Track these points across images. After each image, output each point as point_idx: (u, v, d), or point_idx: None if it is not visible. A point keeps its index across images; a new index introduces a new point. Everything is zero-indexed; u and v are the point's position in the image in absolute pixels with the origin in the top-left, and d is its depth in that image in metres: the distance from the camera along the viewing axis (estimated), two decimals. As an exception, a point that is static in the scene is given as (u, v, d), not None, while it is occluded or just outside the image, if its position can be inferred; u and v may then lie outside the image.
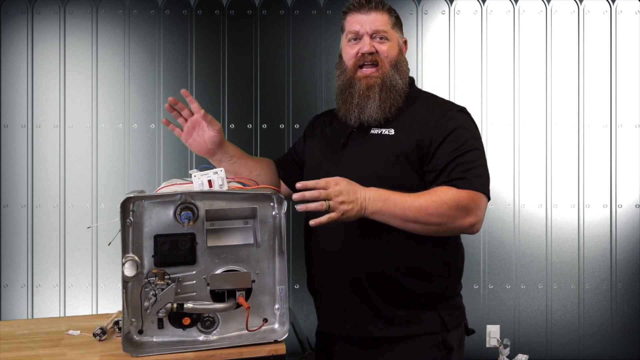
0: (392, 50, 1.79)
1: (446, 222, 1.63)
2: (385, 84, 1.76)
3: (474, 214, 1.65)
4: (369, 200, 1.61)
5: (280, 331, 1.69)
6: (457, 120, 1.72)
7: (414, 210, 1.61)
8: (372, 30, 1.78)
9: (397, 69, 1.78)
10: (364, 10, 1.79)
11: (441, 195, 1.62)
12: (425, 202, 1.61)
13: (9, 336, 1.80)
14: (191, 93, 3.34)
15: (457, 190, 1.63)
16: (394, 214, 1.61)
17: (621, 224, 3.38)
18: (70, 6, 3.33)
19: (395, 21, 1.82)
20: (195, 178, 1.72)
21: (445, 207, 1.61)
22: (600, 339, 3.37)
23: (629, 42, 3.37)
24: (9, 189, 3.31)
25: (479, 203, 1.65)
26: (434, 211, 1.61)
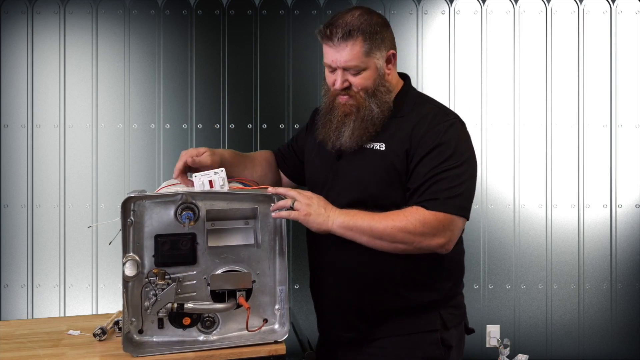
0: (368, 80, 1.70)
1: (412, 243, 1.63)
2: (360, 114, 1.71)
3: (441, 236, 1.63)
4: (337, 213, 1.64)
5: (280, 331, 1.69)
6: (441, 136, 1.67)
7: (380, 229, 1.62)
8: (342, 66, 1.70)
9: (374, 96, 1.71)
10: (332, 42, 1.70)
11: (408, 216, 1.62)
12: (392, 222, 1.61)
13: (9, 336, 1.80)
14: (191, 93, 3.35)
15: (426, 211, 1.62)
16: (360, 229, 1.63)
17: (621, 224, 3.38)
18: (70, 6, 3.32)
19: (370, 45, 1.68)
20: (196, 178, 1.72)
21: (411, 227, 1.61)
22: (600, 339, 3.37)
23: (629, 42, 3.37)
24: (9, 189, 3.30)
25: (448, 225, 1.63)
26: (399, 231, 1.61)
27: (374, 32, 1.69)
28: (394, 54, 1.75)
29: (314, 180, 1.85)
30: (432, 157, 1.66)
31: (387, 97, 1.74)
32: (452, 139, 1.68)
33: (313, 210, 1.63)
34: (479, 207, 3.33)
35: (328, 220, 1.64)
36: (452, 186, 1.63)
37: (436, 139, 1.66)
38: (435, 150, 1.66)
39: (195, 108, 3.34)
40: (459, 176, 1.65)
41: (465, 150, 1.70)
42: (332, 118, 1.75)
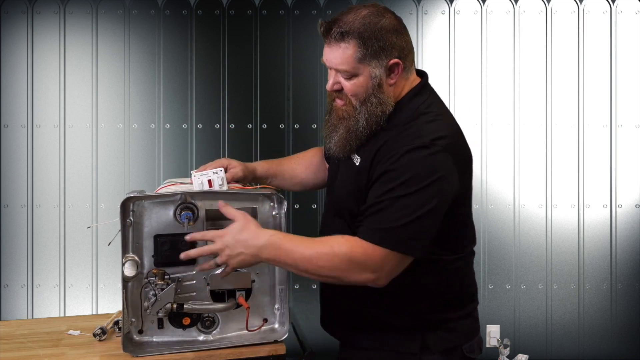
0: (359, 87, 1.56)
1: (339, 276, 1.50)
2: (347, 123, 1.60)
3: (369, 270, 1.48)
4: (262, 249, 1.51)
5: (280, 331, 1.69)
6: (397, 159, 1.50)
7: (305, 261, 1.50)
8: (334, 67, 1.58)
9: (365, 106, 1.57)
10: (328, 40, 1.58)
11: (334, 246, 1.49)
12: (316, 253, 1.49)
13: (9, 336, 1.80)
14: (191, 93, 3.35)
15: (354, 242, 1.49)
16: (285, 263, 1.53)
17: (621, 224, 3.38)
18: (70, 6, 3.33)
19: (365, 52, 1.53)
20: (195, 178, 1.72)
21: (336, 260, 1.48)
22: (600, 339, 3.37)
23: (629, 42, 3.37)
24: (9, 189, 3.31)
25: (375, 258, 1.47)
26: (324, 264, 1.49)
27: (374, 38, 1.53)
28: (398, 63, 1.56)
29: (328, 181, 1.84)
30: (382, 181, 1.51)
31: (379, 109, 1.57)
32: (412, 165, 1.49)
33: (234, 260, 1.53)
34: (479, 207, 3.33)
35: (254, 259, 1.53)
36: (392, 218, 1.47)
37: (392, 162, 1.51)
38: (387, 175, 1.51)
39: (195, 108, 3.34)
40: (406, 207, 1.47)
41: (425, 178, 1.48)
42: (330, 119, 1.67)
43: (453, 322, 1.65)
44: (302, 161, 1.99)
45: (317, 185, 1.97)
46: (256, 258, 1.52)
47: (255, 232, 1.52)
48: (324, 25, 1.59)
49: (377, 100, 1.57)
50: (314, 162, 1.98)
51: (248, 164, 1.87)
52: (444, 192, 1.51)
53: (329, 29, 1.57)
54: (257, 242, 1.51)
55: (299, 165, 1.98)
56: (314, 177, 1.96)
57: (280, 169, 1.95)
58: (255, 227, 1.54)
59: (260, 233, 1.52)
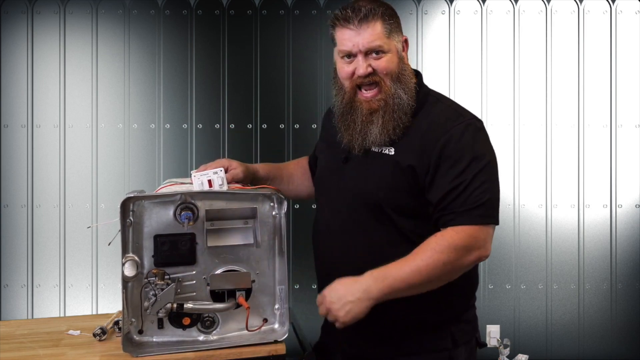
0: (392, 63, 1.62)
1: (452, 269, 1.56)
2: (388, 105, 1.61)
3: (475, 250, 1.56)
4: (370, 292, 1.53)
5: (280, 331, 1.69)
6: (458, 141, 1.58)
7: (417, 275, 1.53)
8: (365, 48, 1.60)
9: (400, 82, 1.62)
10: (353, 24, 1.60)
11: (435, 247, 1.54)
12: (423, 262, 1.53)
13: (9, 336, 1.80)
14: (191, 93, 3.35)
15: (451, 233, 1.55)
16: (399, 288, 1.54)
17: (621, 224, 3.38)
18: (70, 6, 3.33)
19: (390, 28, 1.61)
20: (195, 178, 1.72)
21: (444, 257, 1.53)
22: (600, 339, 3.37)
23: (629, 42, 3.37)
24: (9, 189, 3.31)
25: (478, 236, 1.56)
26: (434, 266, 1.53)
27: (392, 15, 1.64)
28: (407, 40, 1.69)
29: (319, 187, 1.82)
30: (450, 166, 1.57)
31: (411, 82, 1.65)
32: (469, 143, 1.58)
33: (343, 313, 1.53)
34: (479, 207, 3.33)
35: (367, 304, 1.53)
36: (476, 195, 1.56)
37: (453, 146, 1.57)
38: (453, 159, 1.57)
39: (195, 108, 3.34)
40: (483, 183, 1.57)
41: (484, 152, 1.60)
42: (355, 118, 1.64)
43: (469, 313, 1.73)
44: (299, 168, 2.01)
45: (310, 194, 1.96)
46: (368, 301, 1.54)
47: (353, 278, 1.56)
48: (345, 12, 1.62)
49: (408, 73, 1.66)
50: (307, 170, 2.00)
51: (249, 165, 1.88)
52: (496, 159, 1.65)
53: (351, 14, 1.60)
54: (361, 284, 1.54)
55: (296, 170, 2.00)
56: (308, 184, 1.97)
57: (279, 173, 1.96)
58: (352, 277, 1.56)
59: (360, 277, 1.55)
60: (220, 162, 1.81)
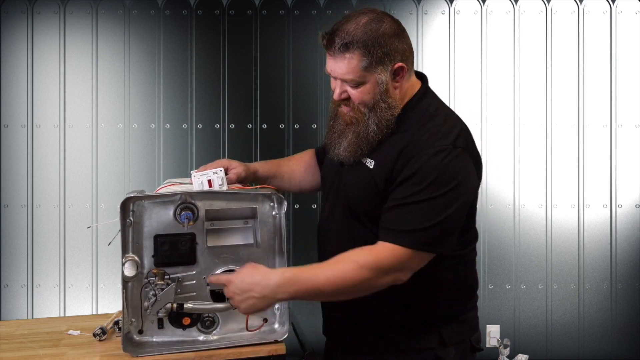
0: (367, 94, 1.57)
1: (369, 286, 1.52)
2: (357, 128, 1.61)
3: (396, 271, 1.51)
4: (277, 293, 1.51)
5: (280, 331, 1.69)
6: (424, 163, 1.53)
7: (330, 285, 1.50)
8: (340, 77, 1.58)
9: (374, 112, 1.58)
10: (331, 51, 1.58)
11: (358, 260, 1.51)
12: (341, 273, 1.50)
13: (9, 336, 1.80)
14: (191, 93, 3.35)
15: (378, 249, 1.52)
16: (307, 294, 1.54)
17: (621, 224, 3.38)
18: (70, 6, 3.33)
19: (370, 60, 1.54)
20: (195, 178, 1.72)
21: (365, 271, 1.49)
22: (600, 339, 3.37)
23: (629, 42, 3.37)
24: (9, 189, 3.31)
25: (403, 259, 1.51)
26: (352, 279, 1.50)
27: (378, 45, 1.55)
28: (403, 67, 1.59)
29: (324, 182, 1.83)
30: (408, 184, 1.53)
31: (388, 113, 1.60)
32: (436, 167, 1.52)
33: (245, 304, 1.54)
34: (479, 207, 3.32)
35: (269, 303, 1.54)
36: (420, 220, 1.50)
37: (418, 165, 1.53)
38: (413, 178, 1.53)
39: (195, 108, 3.34)
40: (432, 209, 1.50)
41: (450, 181, 1.52)
42: (335, 125, 1.67)
43: (463, 315, 1.70)
44: (301, 162, 1.99)
45: (314, 187, 1.97)
46: (271, 300, 1.53)
47: (265, 273, 1.54)
48: (326, 38, 1.59)
49: (386, 105, 1.60)
50: (312, 163, 1.98)
51: (249, 165, 1.88)
52: (467, 192, 1.56)
53: (331, 41, 1.57)
54: (269, 282, 1.52)
55: (298, 166, 1.99)
56: (312, 178, 1.96)
57: (279, 170, 1.95)
58: (265, 269, 1.55)
59: (272, 274, 1.53)
60: (220, 162, 1.81)
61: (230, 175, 1.78)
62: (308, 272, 1.53)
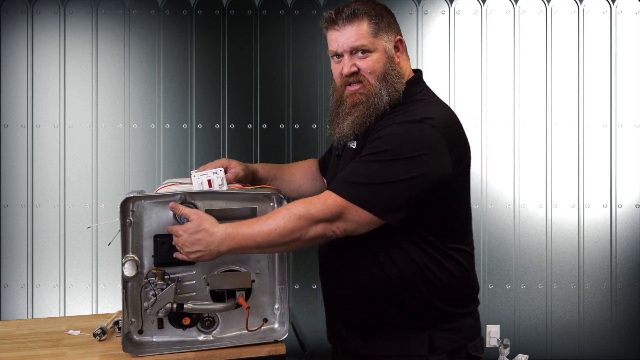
0: (377, 63, 1.62)
1: (300, 236, 1.52)
2: (369, 101, 1.62)
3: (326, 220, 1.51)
4: (220, 247, 1.53)
5: (280, 331, 1.69)
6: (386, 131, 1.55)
7: (265, 235, 1.51)
8: (350, 48, 1.62)
9: (385, 81, 1.62)
10: (337, 25, 1.63)
11: (291, 207, 1.52)
12: (274, 222, 1.51)
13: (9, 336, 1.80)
14: (191, 93, 3.35)
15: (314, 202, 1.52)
16: (248, 247, 1.54)
17: (621, 224, 3.38)
18: (70, 6, 3.33)
19: (377, 27, 1.62)
20: (195, 178, 1.72)
21: (294, 218, 1.50)
22: (600, 339, 3.37)
23: (629, 42, 3.37)
24: (9, 189, 3.31)
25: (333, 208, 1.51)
26: (284, 227, 1.50)
27: (380, 15, 1.64)
28: (402, 40, 1.67)
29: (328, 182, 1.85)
30: (367, 148, 1.56)
31: (399, 82, 1.63)
32: (396, 135, 1.53)
33: (194, 255, 1.55)
34: (479, 207, 3.33)
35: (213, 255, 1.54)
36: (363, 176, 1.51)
37: (382, 133, 1.55)
38: (373, 142, 1.55)
39: (195, 108, 3.34)
40: (379, 171, 1.50)
41: (409, 150, 1.51)
42: (339, 112, 1.67)
43: (458, 322, 1.66)
44: (302, 169, 2.02)
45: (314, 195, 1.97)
46: (217, 254, 1.54)
47: (209, 230, 1.54)
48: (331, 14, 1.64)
49: (396, 73, 1.64)
50: (312, 170, 2.00)
51: (249, 165, 1.89)
52: (428, 167, 1.52)
53: (337, 15, 1.63)
54: (213, 238, 1.53)
55: (298, 172, 2.00)
56: (312, 185, 1.97)
57: (280, 173, 1.97)
58: (210, 225, 1.54)
59: (215, 230, 1.53)
60: (220, 162, 1.82)
61: (228, 175, 1.79)
62: (247, 226, 1.54)
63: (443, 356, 1.62)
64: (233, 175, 1.81)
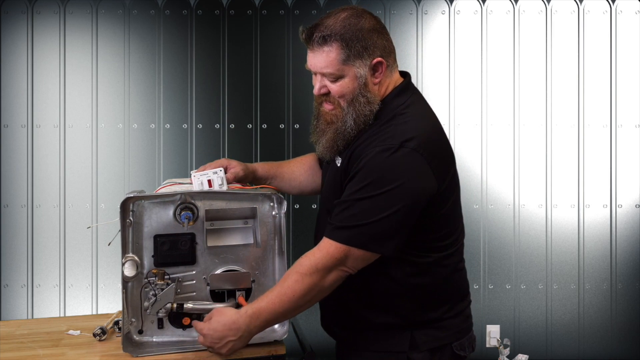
0: (346, 88, 1.58)
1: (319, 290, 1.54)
2: (335, 125, 1.62)
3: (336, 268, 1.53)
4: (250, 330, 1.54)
5: (280, 331, 1.69)
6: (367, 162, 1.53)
7: (288, 302, 1.53)
8: (319, 71, 1.60)
9: (353, 106, 1.59)
10: (310, 47, 1.60)
11: (299, 269, 1.53)
12: (290, 289, 1.53)
13: (9, 336, 1.80)
14: (191, 93, 3.35)
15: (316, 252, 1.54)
16: (277, 319, 1.56)
17: (621, 224, 3.38)
18: (70, 6, 3.33)
19: (348, 52, 1.55)
20: (195, 178, 1.72)
21: (307, 279, 1.52)
22: (600, 339, 3.37)
23: (629, 42, 3.37)
24: (9, 189, 3.31)
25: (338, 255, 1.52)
26: (301, 290, 1.52)
27: (356, 39, 1.55)
28: (382, 62, 1.59)
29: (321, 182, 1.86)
30: (353, 182, 1.54)
31: (367, 109, 1.59)
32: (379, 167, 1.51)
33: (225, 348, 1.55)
34: (478, 207, 3.33)
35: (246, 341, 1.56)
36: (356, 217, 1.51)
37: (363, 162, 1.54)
38: (358, 175, 1.54)
39: (195, 108, 3.34)
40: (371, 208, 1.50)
41: (391, 181, 1.50)
42: (318, 125, 1.69)
43: (444, 321, 1.66)
44: (301, 165, 2.00)
45: (315, 190, 1.97)
46: (248, 338, 1.56)
47: (232, 317, 1.55)
48: (305, 32, 1.61)
49: (365, 100, 1.60)
50: (312, 165, 1.99)
51: (248, 165, 1.88)
52: (414, 193, 1.52)
53: (310, 35, 1.59)
54: (240, 325, 1.54)
55: (298, 168, 1.99)
56: (312, 180, 1.97)
57: (280, 171, 1.96)
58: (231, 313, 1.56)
59: (237, 316, 1.54)
60: (220, 161, 1.82)
61: (227, 175, 1.79)
62: (265, 301, 1.55)
63: (425, 353, 1.62)
64: (233, 175, 1.81)
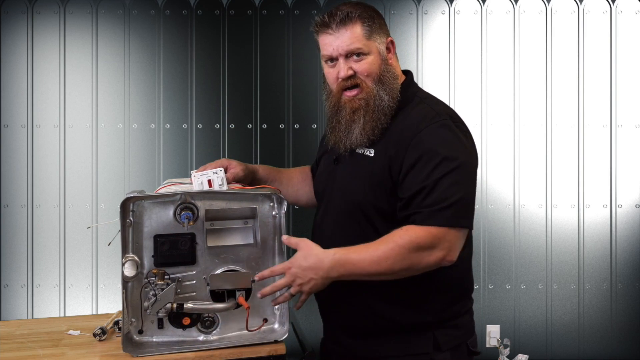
0: (373, 65, 1.63)
1: (411, 265, 1.54)
2: (369, 106, 1.62)
3: (439, 249, 1.53)
4: (331, 274, 1.56)
5: (280, 331, 1.69)
6: (430, 141, 1.57)
7: (375, 265, 1.53)
8: (345, 51, 1.62)
9: (382, 83, 1.63)
10: (330, 29, 1.64)
11: (398, 240, 1.53)
12: (383, 253, 1.53)
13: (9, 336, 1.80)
14: (191, 93, 3.35)
15: (415, 230, 1.54)
16: (357, 274, 1.56)
17: (621, 224, 3.38)
18: (70, 6, 3.33)
19: (370, 29, 1.62)
20: (195, 178, 1.72)
21: (404, 252, 1.52)
22: (600, 339, 3.37)
23: (629, 42, 3.37)
24: (9, 189, 3.31)
25: (443, 237, 1.53)
26: (393, 259, 1.53)
27: (372, 17, 1.65)
28: (393, 41, 1.69)
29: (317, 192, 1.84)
30: (421, 165, 1.56)
31: (394, 83, 1.65)
32: (442, 142, 1.57)
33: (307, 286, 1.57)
34: (479, 207, 3.33)
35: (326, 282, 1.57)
36: (445, 196, 1.53)
37: (426, 144, 1.56)
38: (425, 157, 1.56)
39: (195, 108, 3.34)
40: (453, 183, 1.54)
41: (458, 152, 1.57)
42: (340, 119, 1.67)
43: (459, 319, 1.69)
44: (299, 174, 2.02)
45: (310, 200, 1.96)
46: (327, 280, 1.57)
47: (319, 256, 1.57)
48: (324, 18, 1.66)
49: (391, 75, 1.66)
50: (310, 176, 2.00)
51: (248, 165, 1.89)
52: (475, 162, 1.63)
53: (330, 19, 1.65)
54: (323, 264, 1.56)
55: (296, 176, 2.01)
56: (309, 190, 1.96)
57: (279, 176, 1.97)
58: (319, 251, 1.58)
59: (324, 255, 1.56)
60: (220, 162, 1.82)
61: (227, 175, 1.79)
62: (355, 254, 1.56)
63: (447, 353, 1.65)
64: (233, 175, 1.81)
